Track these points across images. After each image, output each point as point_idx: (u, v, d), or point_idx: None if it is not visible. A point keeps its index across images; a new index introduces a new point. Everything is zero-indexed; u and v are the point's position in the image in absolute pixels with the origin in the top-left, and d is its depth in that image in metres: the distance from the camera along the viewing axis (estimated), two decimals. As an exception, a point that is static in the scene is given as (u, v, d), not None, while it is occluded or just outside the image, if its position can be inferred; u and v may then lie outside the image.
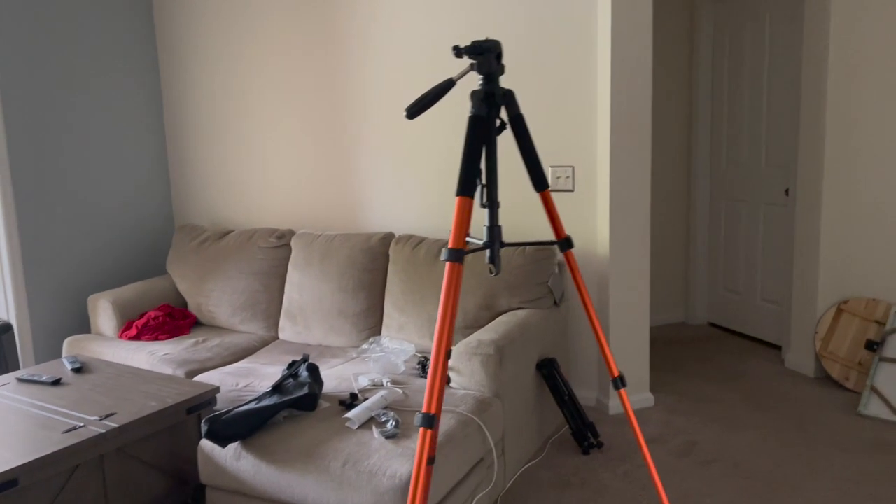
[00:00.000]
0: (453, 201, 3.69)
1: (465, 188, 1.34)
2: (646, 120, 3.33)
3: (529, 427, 3.03)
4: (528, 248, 3.18)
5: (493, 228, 1.44)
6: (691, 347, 4.42)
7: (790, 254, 4.00)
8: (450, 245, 1.36)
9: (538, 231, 3.47)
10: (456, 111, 3.60)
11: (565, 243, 1.46)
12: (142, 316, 3.66)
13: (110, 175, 4.15)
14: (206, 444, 2.42)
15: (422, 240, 3.44)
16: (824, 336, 3.67)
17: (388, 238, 3.53)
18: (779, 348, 4.31)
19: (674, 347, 4.42)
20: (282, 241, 3.78)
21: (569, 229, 3.46)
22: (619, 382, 1.46)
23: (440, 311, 1.35)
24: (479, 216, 3.64)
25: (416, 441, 2.31)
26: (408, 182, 3.80)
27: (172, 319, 3.68)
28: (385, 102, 3.79)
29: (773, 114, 4.20)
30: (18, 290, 3.68)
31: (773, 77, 4.17)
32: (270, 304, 3.72)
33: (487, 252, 1.45)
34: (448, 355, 1.38)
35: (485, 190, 1.43)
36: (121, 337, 3.58)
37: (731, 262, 4.62)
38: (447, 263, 1.37)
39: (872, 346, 3.51)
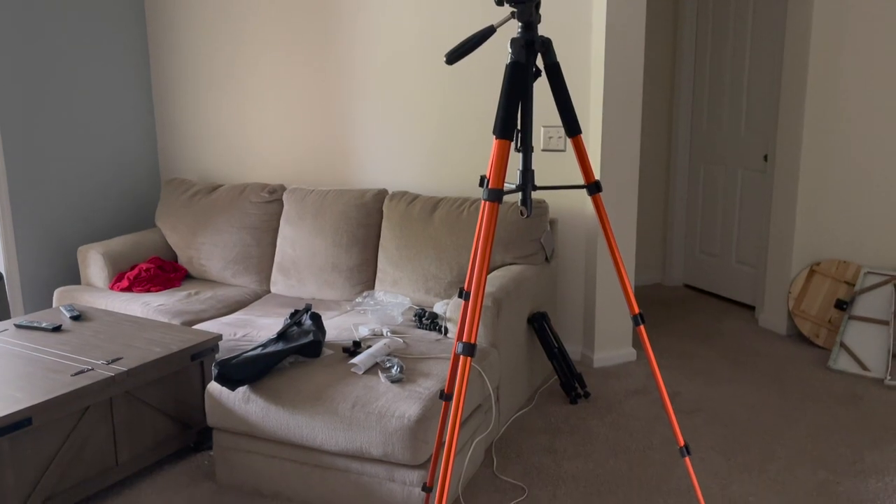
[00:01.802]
0: (448, 160, 3.74)
1: (504, 131, 1.41)
2: (637, 86, 3.41)
3: (521, 377, 3.14)
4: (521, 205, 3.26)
5: (527, 172, 1.51)
6: (668, 307, 4.58)
7: (766, 217, 4.16)
8: (490, 186, 1.42)
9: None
10: (450, 69, 3.64)
11: (594, 187, 1.54)
12: (133, 268, 3.66)
13: (97, 126, 4.10)
14: (214, 387, 2.47)
15: (416, 197, 3.50)
16: (797, 296, 3.85)
17: (381, 194, 3.58)
18: (752, 308, 4.49)
19: (652, 307, 4.57)
20: (273, 196, 3.79)
21: (559, 188, 3.55)
22: (640, 319, 1.56)
23: (479, 249, 1.42)
24: (470, 166, 3.70)
25: (422, 385, 2.40)
26: (401, 139, 3.84)
27: (163, 272, 3.68)
28: (379, 57, 3.80)
29: (754, 80, 4.32)
30: (7, 241, 3.64)
31: (756, 43, 4.28)
32: (262, 259, 3.75)
33: (520, 195, 1.52)
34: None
35: (519, 135, 1.49)
36: (112, 288, 3.58)
37: (708, 226, 4.77)
38: (486, 203, 1.44)
39: (842, 305, 3.70)
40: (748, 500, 2.45)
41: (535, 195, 3.48)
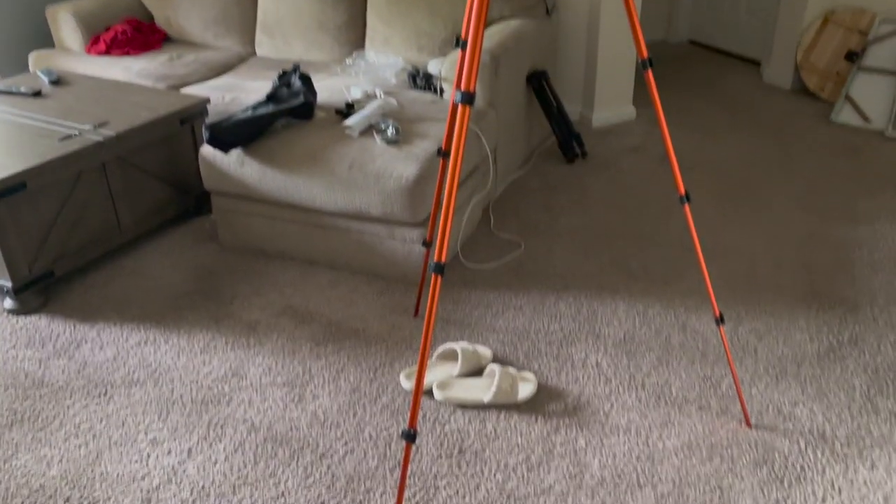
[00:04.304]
0: None
1: None
2: None
3: (519, 138, 3.09)
4: (520, -50, 2.99)
5: None
6: (672, 64, 4.42)
7: (783, -38, 3.87)
8: None
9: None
10: None
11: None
12: (108, 29, 3.45)
13: None
14: (207, 150, 2.43)
15: (405, -57, 3.20)
16: (807, 47, 3.69)
17: (367, -59, 3.27)
18: (758, 64, 4.34)
19: (655, 65, 4.41)
20: (249, -54, 3.47)
21: (562, -69, 3.24)
22: (648, 63, 1.47)
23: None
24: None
25: (418, 146, 2.35)
26: None
27: (141, 34, 3.48)
28: None
29: None
30: (-33, 1, 3.39)
31: None
32: (244, 18, 3.52)
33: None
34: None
35: None
36: (88, 52, 3.40)
37: (719, -25, 4.46)
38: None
39: (852, 56, 3.55)
40: (739, 247, 2.52)
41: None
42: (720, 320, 1.72)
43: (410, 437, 1.41)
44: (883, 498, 1.58)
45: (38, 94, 2.72)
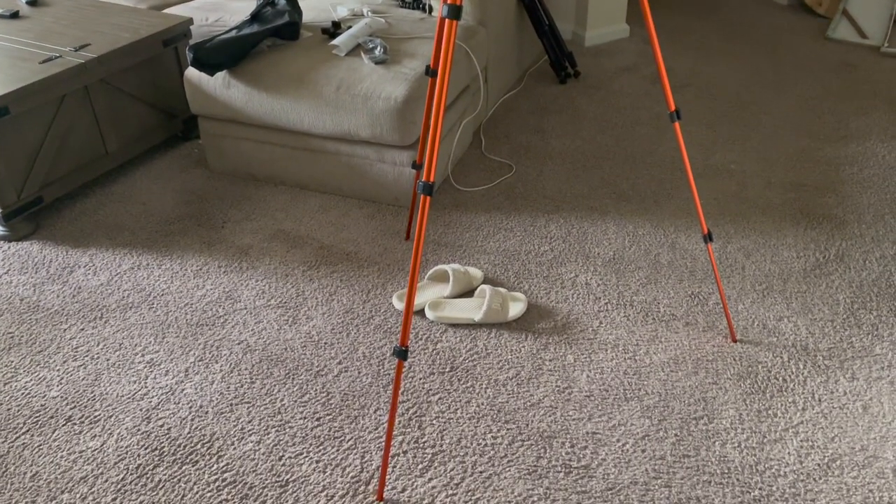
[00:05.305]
0: None
1: None
2: None
3: (510, 58, 3.04)
4: None
5: None
6: (666, -20, 4.31)
7: None
8: None
9: None
10: None
11: None
12: (83, -52, 3.32)
13: None
14: (192, 73, 2.38)
15: None
16: (806, -39, 3.60)
17: None
18: (755, -21, 4.24)
19: (648, -19, 4.30)
20: None
21: None
22: (640, -24, 1.43)
23: None
24: None
25: (407, 66, 2.31)
26: None
27: (118, -48, 3.35)
28: None
29: None
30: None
31: None
32: (225, -67, 3.39)
33: None
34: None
35: None
36: (65, -28, 3.29)
37: None
38: None
39: (852, -30, 3.47)
40: (730, 167, 2.52)
41: None
42: (708, 238, 1.74)
43: (402, 354, 1.44)
44: (862, 407, 1.63)
45: (15, 15, 2.64)
